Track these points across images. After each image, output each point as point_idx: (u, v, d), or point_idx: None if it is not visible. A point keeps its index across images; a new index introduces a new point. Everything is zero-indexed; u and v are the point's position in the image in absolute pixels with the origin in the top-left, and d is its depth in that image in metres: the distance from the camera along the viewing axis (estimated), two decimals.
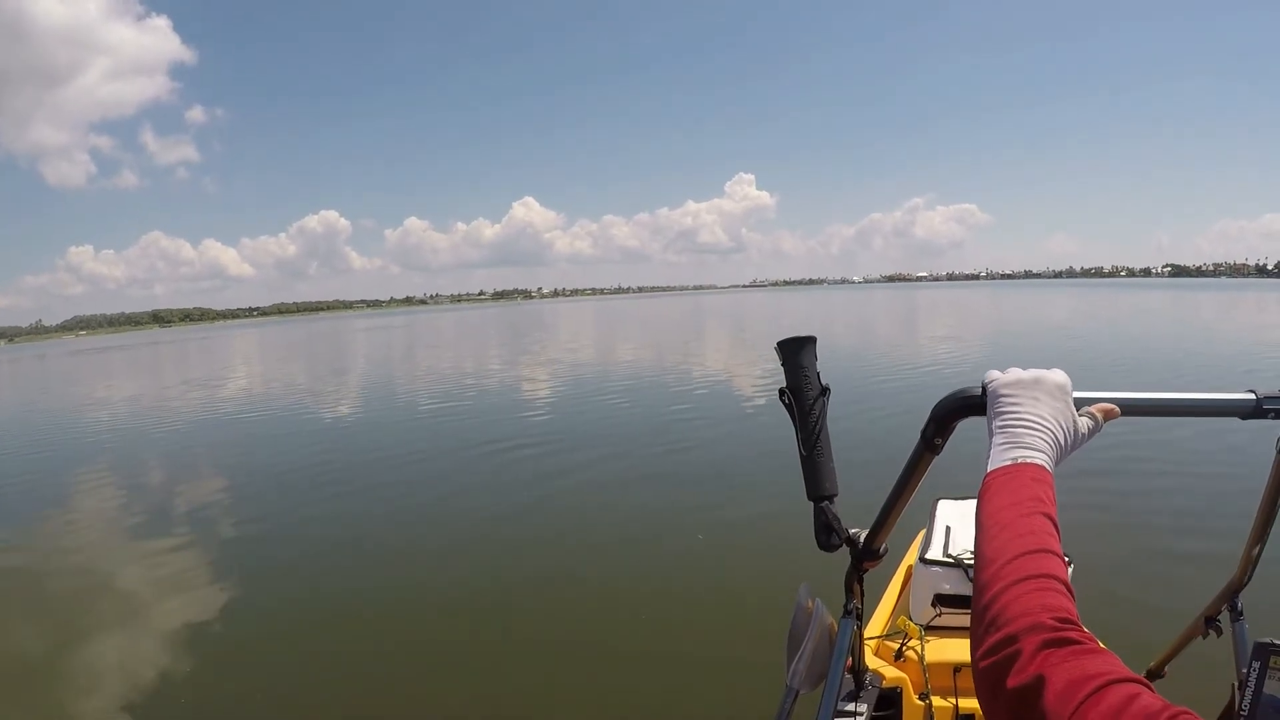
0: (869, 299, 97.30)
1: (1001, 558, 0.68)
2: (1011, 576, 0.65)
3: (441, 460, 10.05)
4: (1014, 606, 0.62)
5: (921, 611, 2.18)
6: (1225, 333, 25.50)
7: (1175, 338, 23.75)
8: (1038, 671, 0.56)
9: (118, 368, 41.99)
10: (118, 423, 16.83)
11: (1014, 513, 0.73)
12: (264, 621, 5.28)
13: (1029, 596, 0.63)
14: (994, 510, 0.75)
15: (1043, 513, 0.73)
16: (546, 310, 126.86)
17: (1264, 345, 20.49)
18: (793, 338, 1.19)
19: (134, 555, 6.93)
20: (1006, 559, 0.68)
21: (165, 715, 4.14)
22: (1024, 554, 0.68)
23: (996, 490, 0.77)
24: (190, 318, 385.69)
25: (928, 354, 21.30)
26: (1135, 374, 14.84)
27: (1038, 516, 0.72)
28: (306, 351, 43.27)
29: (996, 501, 0.75)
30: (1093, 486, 6.50)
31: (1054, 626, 0.59)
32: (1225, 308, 43.08)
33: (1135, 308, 45.80)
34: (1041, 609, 0.61)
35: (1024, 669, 0.57)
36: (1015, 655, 0.58)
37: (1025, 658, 0.57)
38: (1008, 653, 0.59)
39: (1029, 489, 0.75)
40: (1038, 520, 0.72)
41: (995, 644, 0.60)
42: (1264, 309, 40.09)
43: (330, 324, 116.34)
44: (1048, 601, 0.62)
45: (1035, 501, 0.74)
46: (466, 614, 5.19)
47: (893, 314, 50.55)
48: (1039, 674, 0.55)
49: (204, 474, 10.43)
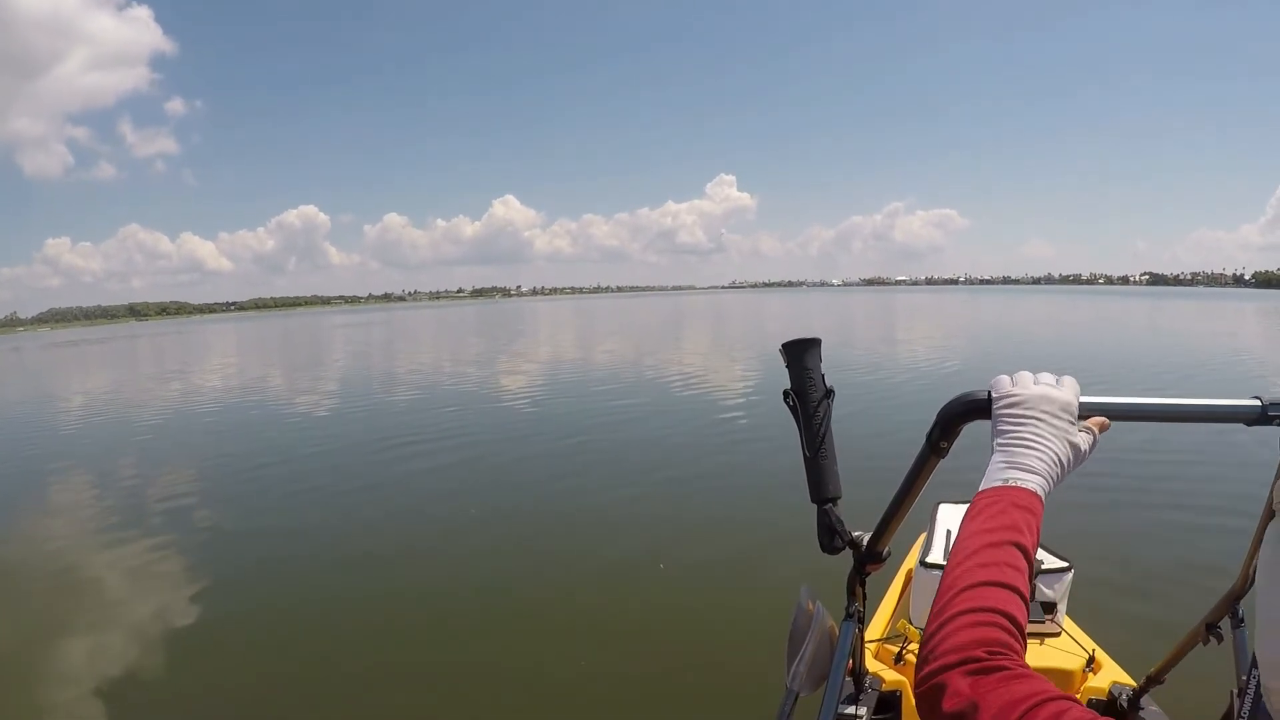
0: (850, 302, 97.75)
1: (954, 588, 0.70)
2: (957, 608, 0.67)
3: (423, 458, 9.97)
4: (950, 639, 0.65)
5: (922, 615, 2.18)
6: (1232, 342, 25.82)
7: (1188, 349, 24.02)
8: (970, 698, 0.59)
9: (85, 363, 41.33)
10: (88, 419, 16.56)
11: (983, 540, 0.74)
12: (234, 617, 5.23)
13: (966, 631, 0.65)
14: (966, 535, 0.76)
15: (1014, 541, 0.73)
16: (526, 309, 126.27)
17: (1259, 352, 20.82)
18: (797, 340, 1.19)
19: (105, 551, 6.80)
20: (958, 589, 0.69)
21: (135, 710, 4.09)
22: (975, 585, 0.69)
23: (977, 512, 0.77)
24: (167, 312, 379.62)
25: (910, 356, 21.42)
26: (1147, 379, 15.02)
27: (1007, 546, 0.73)
28: (280, 349, 42.83)
29: (972, 525, 0.76)
30: (1095, 491, 6.54)
31: (984, 657, 0.62)
32: (1232, 316, 43.65)
33: (1144, 313, 46.32)
34: (976, 643, 0.63)
35: (957, 695, 0.60)
36: (944, 685, 0.61)
37: (955, 687, 0.60)
38: (937, 682, 0.62)
39: (1008, 515, 0.75)
40: (1005, 550, 0.72)
41: (929, 673, 0.63)
42: (1245, 318, 40.66)
43: (306, 320, 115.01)
44: (983, 635, 0.64)
45: (1010, 530, 0.74)
46: (454, 613, 5.15)
47: (877, 316, 50.81)
48: (972, 700, 0.58)
49: (178, 469, 10.25)
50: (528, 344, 34.40)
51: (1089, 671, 2.05)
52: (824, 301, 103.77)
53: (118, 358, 43.27)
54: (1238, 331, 31.59)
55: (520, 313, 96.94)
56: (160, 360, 37.81)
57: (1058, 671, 2.03)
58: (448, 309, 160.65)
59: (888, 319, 47.64)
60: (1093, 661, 2.07)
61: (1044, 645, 2.11)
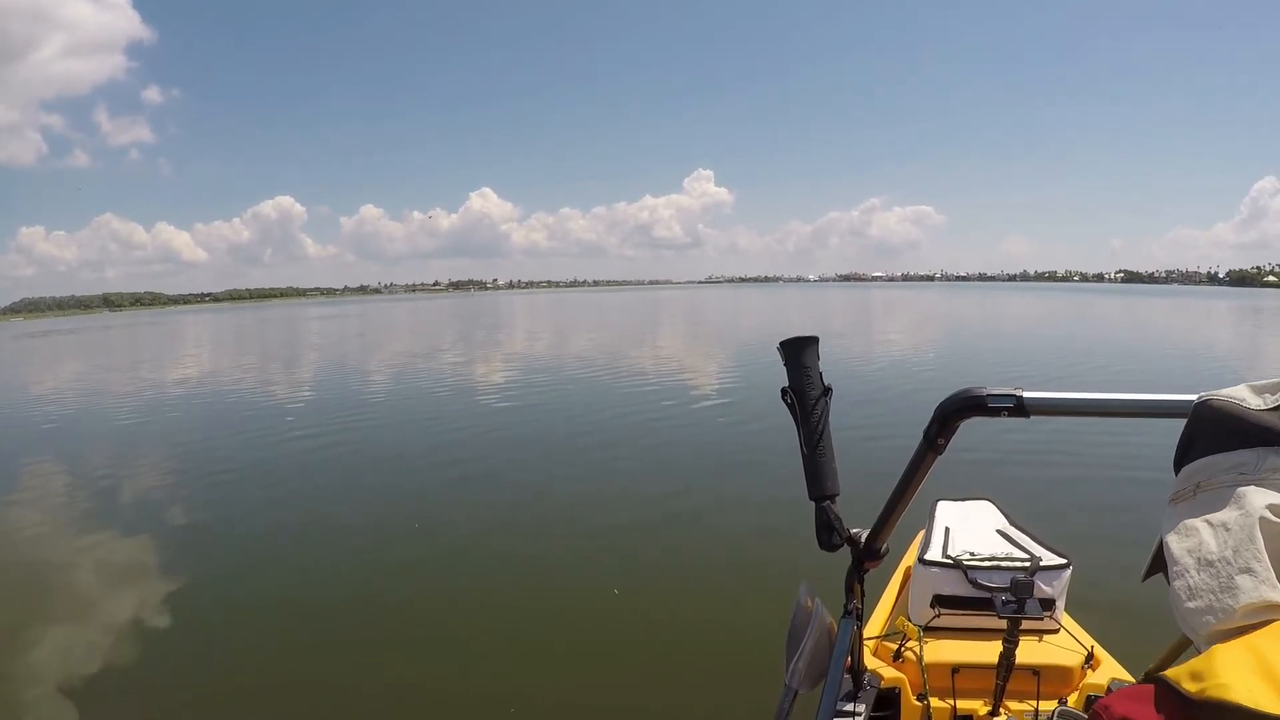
0: (828, 297, 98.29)
1: None
2: None
3: (414, 454, 9.94)
4: None
5: (920, 612, 2.20)
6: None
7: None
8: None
9: (57, 354, 40.74)
10: (60, 411, 16.32)
11: None
12: (212, 613, 5.19)
13: None
14: None
15: None
16: (503, 302, 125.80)
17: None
18: (795, 338, 1.19)
19: (79, 546, 6.71)
20: None
21: (108, 709, 4.06)
22: None
23: None
24: (141, 302, 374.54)
25: (887, 350, 21.58)
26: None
27: None
28: (255, 342, 42.45)
29: None
30: (1094, 486, 6.58)
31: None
32: (1199, 313, 44.27)
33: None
34: None
35: None
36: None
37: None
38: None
39: None
40: None
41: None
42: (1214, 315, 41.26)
43: (282, 312, 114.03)
44: None
45: None
46: (444, 609, 5.17)
47: (856, 311, 51.15)
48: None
49: (153, 462, 10.14)
50: (508, 340, 34.27)
51: (1088, 668, 2.07)
52: (802, 297, 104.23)
53: (90, 348, 42.64)
54: (1200, 327, 32.12)
55: (497, 306, 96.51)
56: (134, 351, 37.29)
57: (1057, 668, 2.04)
58: (424, 301, 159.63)
59: (866, 313, 47.98)
60: (1091, 658, 2.08)
61: (1042, 642, 2.12)
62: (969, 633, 2.15)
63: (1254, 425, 0.68)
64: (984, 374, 15.75)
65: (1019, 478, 7.05)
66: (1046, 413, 0.98)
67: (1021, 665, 1.89)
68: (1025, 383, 0.95)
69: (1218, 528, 0.66)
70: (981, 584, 2.06)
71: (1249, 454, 0.67)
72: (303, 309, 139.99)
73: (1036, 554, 2.14)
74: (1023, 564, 2.08)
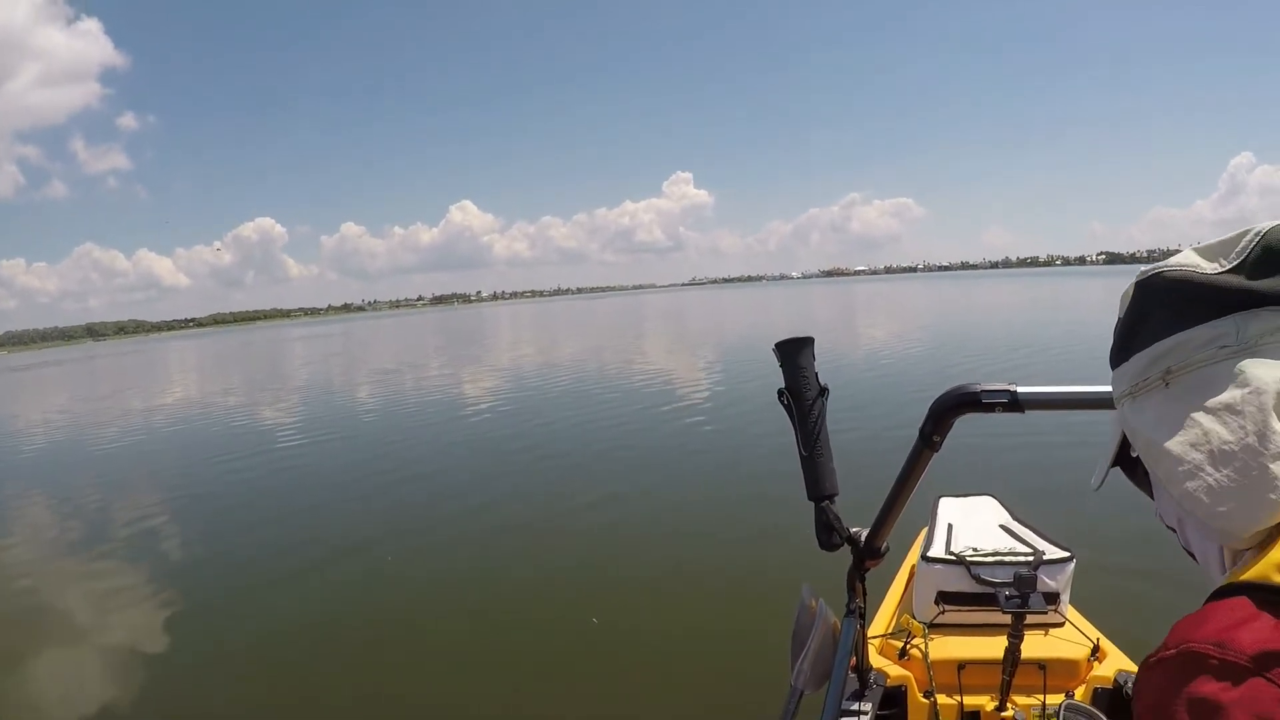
0: (811, 294, 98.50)
1: None
2: None
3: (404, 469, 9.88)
4: None
5: (925, 609, 2.20)
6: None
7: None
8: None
9: (43, 388, 40.35)
10: (48, 444, 16.17)
11: None
12: (196, 637, 5.16)
13: None
14: None
15: None
16: (487, 314, 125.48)
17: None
18: (791, 339, 1.20)
19: (71, 576, 6.65)
20: None
21: None
22: None
23: None
24: (125, 331, 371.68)
25: (872, 345, 21.63)
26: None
27: None
28: (240, 366, 42.20)
29: None
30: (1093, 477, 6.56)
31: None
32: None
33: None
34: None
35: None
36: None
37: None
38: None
39: None
40: None
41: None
42: None
43: (266, 334, 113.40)
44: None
45: None
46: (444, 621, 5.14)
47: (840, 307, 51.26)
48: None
49: (142, 491, 10.04)
50: (492, 353, 34.19)
51: (1094, 660, 2.06)
52: (786, 294, 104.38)
53: (75, 380, 42.24)
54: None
55: (481, 319, 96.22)
56: (118, 381, 36.93)
57: (1062, 661, 2.03)
58: (408, 317, 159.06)
59: (850, 310, 48.11)
60: (1097, 650, 2.08)
61: (1048, 635, 2.12)
62: (974, 628, 2.15)
63: (1222, 288, 0.59)
64: (977, 368, 15.79)
65: (1020, 472, 7.02)
66: (1041, 407, 0.99)
67: (1027, 659, 1.89)
68: (1019, 374, 0.95)
69: (1221, 413, 0.58)
70: (985, 579, 2.06)
71: (1224, 323, 0.59)
72: (287, 329, 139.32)
73: (1040, 548, 2.14)
74: (1026, 558, 2.08)
